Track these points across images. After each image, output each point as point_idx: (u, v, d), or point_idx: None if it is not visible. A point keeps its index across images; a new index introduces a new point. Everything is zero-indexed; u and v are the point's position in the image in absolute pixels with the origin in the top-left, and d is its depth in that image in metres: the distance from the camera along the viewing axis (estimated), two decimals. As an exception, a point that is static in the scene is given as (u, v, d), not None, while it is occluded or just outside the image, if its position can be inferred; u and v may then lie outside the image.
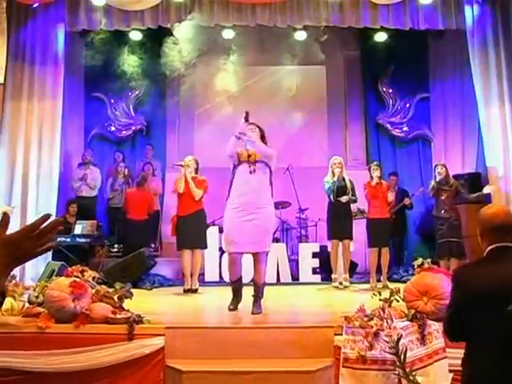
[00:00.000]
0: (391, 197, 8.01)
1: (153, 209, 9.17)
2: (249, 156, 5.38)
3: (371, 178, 7.95)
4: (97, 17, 8.32)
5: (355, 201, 7.92)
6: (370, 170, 8.07)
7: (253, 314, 5.23)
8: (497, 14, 8.34)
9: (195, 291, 7.38)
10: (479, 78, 8.36)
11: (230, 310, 5.42)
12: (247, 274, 5.98)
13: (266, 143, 5.58)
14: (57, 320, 4.49)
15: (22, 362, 4.23)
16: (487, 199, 8.07)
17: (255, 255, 5.40)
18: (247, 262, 5.72)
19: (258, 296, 5.38)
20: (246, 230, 5.24)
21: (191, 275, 7.44)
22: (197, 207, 7.45)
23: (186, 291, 7.36)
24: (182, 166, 7.46)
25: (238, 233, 5.29)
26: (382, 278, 7.78)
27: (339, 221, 7.72)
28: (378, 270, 7.91)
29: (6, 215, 1.40)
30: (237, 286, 5.54)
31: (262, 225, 5.28)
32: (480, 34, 8.38)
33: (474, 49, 8.38)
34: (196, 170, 7.60)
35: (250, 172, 5.33)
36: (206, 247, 7.68)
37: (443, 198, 7.80)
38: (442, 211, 7.76)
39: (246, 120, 5.48)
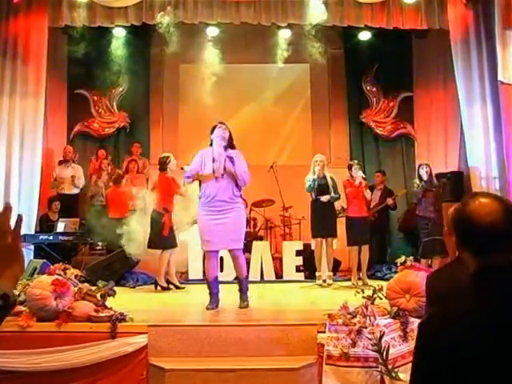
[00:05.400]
0: (368, 195, 8.01)
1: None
2: None
3: (351, 176, 7.92)
4: (80, 13, 8.25)
5: (337, 198, 7.91)
6: (350, 168, 8.01)
7: (240, 308, 5.48)
8: (479, 14, 8.41)
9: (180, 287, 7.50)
10: (461, 78, 8.43)
11: (208, 309, 5.49)
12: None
13: (232, 143, 5.77)
14: (39, 319, 4.46)
15: (3, 362, 4.20)
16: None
17: None
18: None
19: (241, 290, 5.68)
20: None
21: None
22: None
23: (165, 289, 7.41)
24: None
25: None
26: (361, 276, 7.80)
27: (322, 219, 7.72)
28: (360, 268, 7.94)
29: (19, 216, 1.39)
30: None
31: None
32: (462, 35, 8.46)
33: (457, 49, 8.45)
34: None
35: None
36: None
37: (429, 197, 7.84)
38: (428, 211, 7.80)
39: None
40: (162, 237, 7.34)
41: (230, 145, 5.72)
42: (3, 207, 1.37)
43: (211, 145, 5.71)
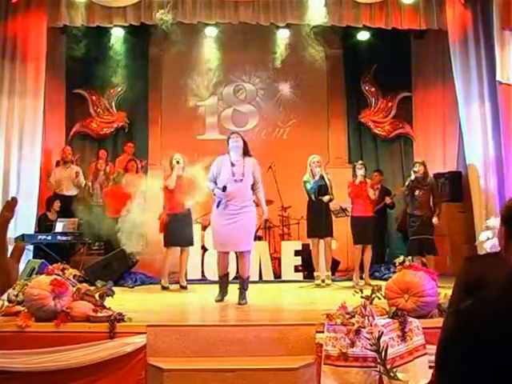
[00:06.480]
0: (372, 195, 8.01)
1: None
2: None
3: (355, 176, 7.95)
4: (78, 13, 8.25)
5: (332, 199, 7.92)
6: (354, 168, 8.05)
7: (240, 304, 5.75)
8: (477, 15, 8.41)
9: (185, 288, 7.44)
10: (460, 78, 8.43)
11: (216, 301, 5.81)
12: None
13: (248, 150, 6.09)
14: (37, 319, 4.46)
15: (1, 362, 4.19)
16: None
17: None
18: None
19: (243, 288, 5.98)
20: None
21: (173, 273, 7.47)
22: (185, 205, 7.48)
23: (165, 288, 7.38)
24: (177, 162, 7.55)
25: None
26: (364, 276, 7.81)
27: (320, 219, 7.71)
28: (360, 268, 7.93)
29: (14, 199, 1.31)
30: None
31: None
32: (461, 35, 8.46)
33: (455, 49, 8.45)
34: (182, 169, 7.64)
35: None
36: (193, 244, 7.73)
37: (417, 195, 7.83)
38: (417, 209, 7.80)
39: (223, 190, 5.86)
40: (163, 235, 7.39)
41: (247, 152, 6.06)
42: (5, 203, 1.28)
43: (229, 152, 6.06)
